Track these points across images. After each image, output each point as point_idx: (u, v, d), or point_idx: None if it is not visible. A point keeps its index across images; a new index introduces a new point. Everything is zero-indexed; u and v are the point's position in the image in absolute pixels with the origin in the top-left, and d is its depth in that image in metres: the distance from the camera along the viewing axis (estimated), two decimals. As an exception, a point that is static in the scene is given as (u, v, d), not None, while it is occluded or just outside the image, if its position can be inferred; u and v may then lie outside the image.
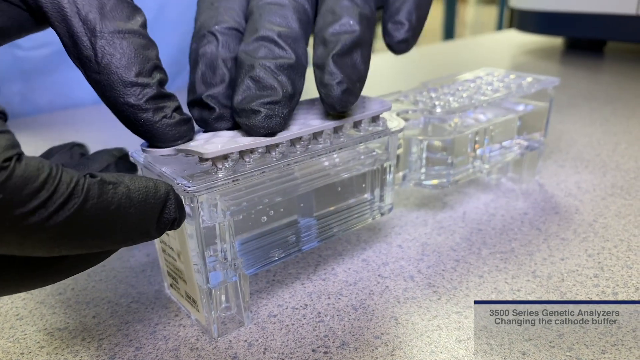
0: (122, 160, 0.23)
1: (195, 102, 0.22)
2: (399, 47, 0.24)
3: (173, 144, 0.20)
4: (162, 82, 0.19)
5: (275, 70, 0.21)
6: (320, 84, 0.22)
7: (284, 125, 0.21)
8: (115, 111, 0.18)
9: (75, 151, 0.24)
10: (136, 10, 0.18)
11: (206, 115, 0.22)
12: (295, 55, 0.21)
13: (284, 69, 0.21)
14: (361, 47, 0.22)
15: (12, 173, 0.14)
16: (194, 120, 0.21)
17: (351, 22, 0.22)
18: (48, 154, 0.24)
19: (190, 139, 0.20)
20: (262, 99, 0.20)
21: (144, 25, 0.19)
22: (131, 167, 0.24)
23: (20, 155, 0.14)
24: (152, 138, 0.19)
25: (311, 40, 0.24)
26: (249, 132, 0.21)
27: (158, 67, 0.19)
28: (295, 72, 0.21)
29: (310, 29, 0.23)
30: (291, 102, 0.21)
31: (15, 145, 0.14)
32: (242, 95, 0.21)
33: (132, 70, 0.18)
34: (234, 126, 0.22)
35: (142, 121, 0.18)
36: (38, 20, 0.18)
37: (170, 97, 0.19)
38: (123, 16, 0.18)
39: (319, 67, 0.22)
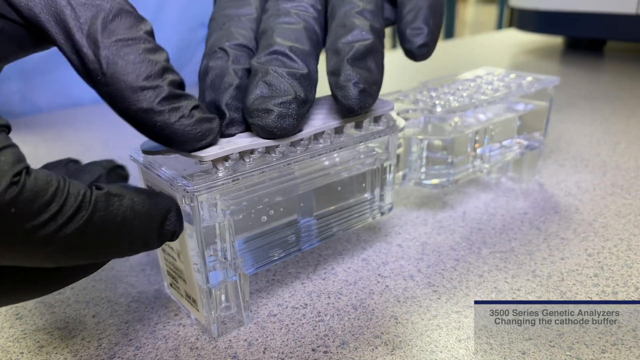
0: (112, 172, 0.23)
1: (206, 107, 0.22)
2: (420, 51, 0.24)
3: (199, 145, 0.19)
4: (174, 83, 0.18)
5: (287, 76, 0.21)
6: (336, 87, 0.22)
7: (296, 126, 0.21)
8: (131, 122, 0.18)
9: (70, 167, 0.23)
10: (140, 19, 0.18)
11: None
12: (307, 67, 0.21)
13: (296, 77, 0.21)
14: (374, 54, 0.22)
15: (23, 187, 0.14)
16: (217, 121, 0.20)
17: (363, 32, 0.22)
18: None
19: (216, 139, 0.19)
20: (275, 99, 0.20)
21: (149, 33, 0.18)
22: (121, 178, 0.23)
23: (28, 169, 0.14)
24: (175, 142, 0.18)
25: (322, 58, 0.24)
26: (261, 134, 0.20)
27: (168, 70, 0.18)
28: (307, 81, 0.21)
29: (319, 50, 0.24)
30: (303, 106, 0.21)
31: (22, 158, 0.15)
32: (255, 96, 0.20)
33: (139, 74, 0.17)
34: (246, 131, 0.22)
35: (159, 125, 0.17)
36: (36, 39, 0.18)
37: (185, 96, 0.18)
38: (126, 25, 0.17)
39: (334, 73, 0.22)
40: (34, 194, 0.14)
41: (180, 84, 0.18)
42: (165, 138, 0.18)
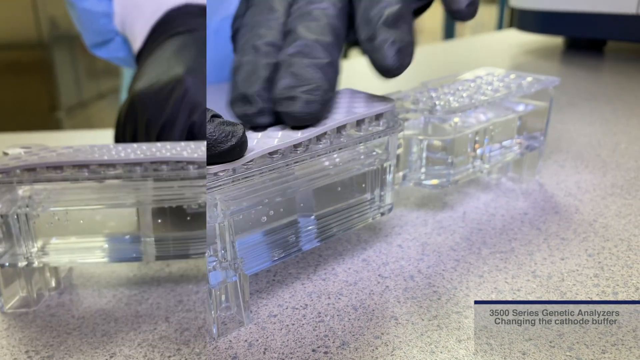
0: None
1: (237, 98, 0.24)
2: (468, 10, 0.25)
3: (225, 147, 0.20)
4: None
5: (311, 66, 0.22)
6: (372, 51, 0.23)
7: (322, 112, 0.22)
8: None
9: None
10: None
11: (248, 109, 0.23)
12: (330, 57, 0.23)
13: (320, 67, 0.23)
14: (404, 19, 0.23)
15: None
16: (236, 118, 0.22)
17: (392, 1, 0.23)
18: None
19: (242, 144, 0.20)
20: (300, 87, 0.22)
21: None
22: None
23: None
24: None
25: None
26: (289, 121, 0.22)
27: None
28: (330, 70, 0.23)
29: (342, 43, 0.25)
30: (327, 94, 0.22)
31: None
32: (281, 86, 0.22)
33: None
34: (275, 122, 0.23)
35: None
36: None
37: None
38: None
39: (369, 39, 0.23)
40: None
41: None
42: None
